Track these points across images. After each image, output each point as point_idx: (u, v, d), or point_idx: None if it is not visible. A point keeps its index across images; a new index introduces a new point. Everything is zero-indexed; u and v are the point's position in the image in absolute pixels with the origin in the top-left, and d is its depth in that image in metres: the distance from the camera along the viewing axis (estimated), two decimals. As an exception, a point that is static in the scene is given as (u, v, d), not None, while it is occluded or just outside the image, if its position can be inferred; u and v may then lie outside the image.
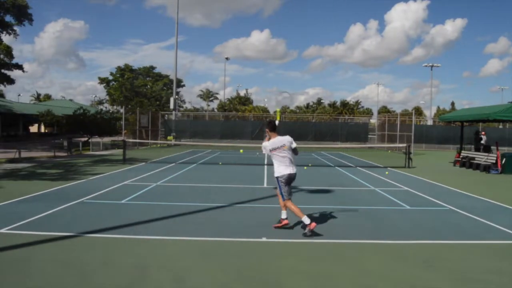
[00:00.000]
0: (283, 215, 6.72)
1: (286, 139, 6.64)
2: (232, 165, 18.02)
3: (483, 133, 22.31)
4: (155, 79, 58.69)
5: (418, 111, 66.37)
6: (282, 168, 6.51)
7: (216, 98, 78.70)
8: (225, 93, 74.22)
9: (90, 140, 28.21)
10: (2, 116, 40.61)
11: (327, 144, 32.80)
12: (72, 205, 8.35)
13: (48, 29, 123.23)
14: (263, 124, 37.28)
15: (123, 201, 8.99)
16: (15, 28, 36.12)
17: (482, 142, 21.23)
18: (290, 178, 6.55)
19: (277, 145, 6.55)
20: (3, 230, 6.33)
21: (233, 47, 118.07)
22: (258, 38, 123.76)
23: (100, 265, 4.92)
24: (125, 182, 11.68)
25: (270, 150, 6.57)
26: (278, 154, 6.52)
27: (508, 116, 16.71)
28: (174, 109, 38.72)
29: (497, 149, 17.19)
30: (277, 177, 6.58)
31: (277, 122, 6.94)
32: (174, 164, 17.74)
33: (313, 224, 6.25)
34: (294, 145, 6.67)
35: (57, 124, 45.73)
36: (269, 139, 6.66)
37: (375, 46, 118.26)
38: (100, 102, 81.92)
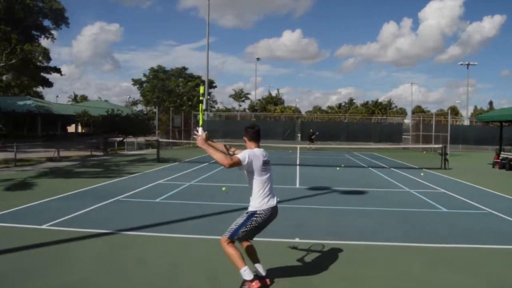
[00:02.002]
0: (259, 269, 4.37)
1: (266, 153, 4.39)
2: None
3: None
4: (187, 80, 59.49)
5: (454, 111, 64.42)
6: (266, 198, 4.23)
7: (248, 98, 78.93)
8: (256, 94, 74.02)
9: (125, 140, 28.92)
10: (42, 117, 42.26)
11: (359, 144, 32.35)
12: (109, 203, 8.59)
13: (84, 32, 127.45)
14: (295, 124, 37.23)
15: (157, 200, 9.17)
16: (52, 32, 37.80)
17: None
18: (273, 215, 4.32)
19: (267, 158, 4.35)
20: (44, 226, 6.61)
21: (264, 48, 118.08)
22: (290, 38, 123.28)
23: (135, 263, 5.04)
24: (159, 181, 11.91)
25: (264, 163, 4.26)
26: (264, 173, 4.28)
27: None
28: (206, 109, 39.24)
29: (540, 151, 16.47)
30: (253, 212, 4.19)
31: (200, 130, 4.53)
32: (207, 164, 17.89)
33: (256, 284, 4.02)
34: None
35: (93, 124, 47.11)
36: (206, 138, 4.45)
37: (409, 45, 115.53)
38: (135, 103, 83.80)
